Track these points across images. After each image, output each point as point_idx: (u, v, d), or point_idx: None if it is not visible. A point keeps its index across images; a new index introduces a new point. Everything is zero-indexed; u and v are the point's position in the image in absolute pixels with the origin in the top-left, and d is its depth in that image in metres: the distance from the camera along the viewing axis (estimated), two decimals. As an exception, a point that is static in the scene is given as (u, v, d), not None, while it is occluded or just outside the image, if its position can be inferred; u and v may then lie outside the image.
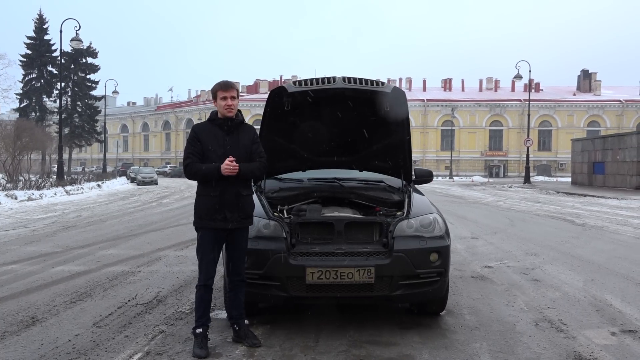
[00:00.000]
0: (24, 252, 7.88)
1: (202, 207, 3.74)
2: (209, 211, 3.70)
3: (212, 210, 3.69)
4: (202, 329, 3.72)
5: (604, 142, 31.79)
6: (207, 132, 3.79)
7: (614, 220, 12.84)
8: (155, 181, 39.04)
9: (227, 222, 3.70)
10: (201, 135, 3.78)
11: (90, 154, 79.73)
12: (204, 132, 3.80)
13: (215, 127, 3.81)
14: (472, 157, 64.26)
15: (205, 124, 3.88)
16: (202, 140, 3.75)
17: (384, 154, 5.11)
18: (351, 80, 4.29)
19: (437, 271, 4.08)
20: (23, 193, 18.70)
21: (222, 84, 3.81)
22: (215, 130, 3.79)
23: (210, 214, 3.70)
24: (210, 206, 3.70)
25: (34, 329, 4.22)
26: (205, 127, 3.84)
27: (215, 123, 3.82)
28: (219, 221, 3.69)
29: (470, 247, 8.52)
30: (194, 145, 3.75)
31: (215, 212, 3.69)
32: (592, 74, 69.58)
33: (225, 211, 3.69)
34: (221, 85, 3.80)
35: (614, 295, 5.39)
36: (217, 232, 3.73)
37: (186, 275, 6.19)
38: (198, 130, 3.83)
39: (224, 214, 3.69)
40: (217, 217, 3.69)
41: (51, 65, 49.23)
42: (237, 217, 3.75)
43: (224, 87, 3.78)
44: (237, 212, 3.75)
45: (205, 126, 3.85)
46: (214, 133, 3.78)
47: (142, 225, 11.57)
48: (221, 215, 3.69)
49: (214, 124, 3.82)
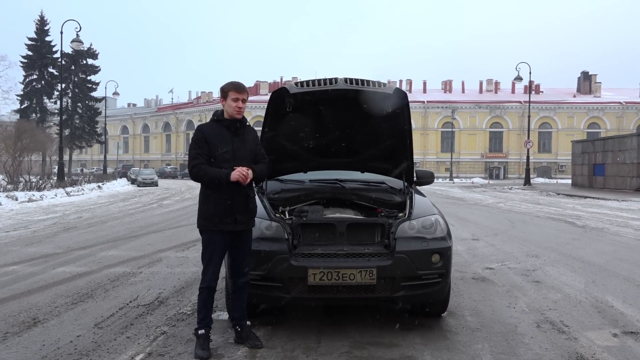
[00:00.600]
0: (25, 253, 7.88)
1: (211, 209, 3.67)
2: (219, 214, 3.65)
3: (222, 212, 3.65)
4: (204, 330, 3.71)
5: (604, 143, 31.81)
6: (215, 133, 3.70)
7: (614, 222, 12.84)
8: (155, 182, 39.08)
9: (237, 224, 3.69)
10: (209, 136, 3.68)
11: (91, 156, 79.77)
12: (211, 133, 3.70)
13: (223, 128, 3.73)
14: (472, 159, 64.32)
15: (211, 125, 3.77)
16: (209, 142, 3.66)
17: (385, 155, 5.11)
18: (353, 81, 4.28)
19: (439, 272, 4.07)
20: (24, 194, 18.71)
21: (236, 84, 3.73)
22: (222, 131, 3.71)
23: (220, 216, 3.65)
24: (220, 209, 3.65)
25: (36, 330, 4.22)
26: (212, 128, 3.74)
27: (222, 124, 3.74)
28: (228, 224, 3.66)
29: (471, 248, 8.51)
30: (201, 147, 3.66)
31: (226, 215, 3.65)
32: (592, 76, 69.73)
33: (235, 214, 3.67)
34: (235, 85, 3.72)
35: (615, 296, 5.39)
36: (225, 235, 3.70)
37: (187, 277, 6.19)
38: (205, 130, 3.73)
39: (234, 216, 3.67)
40: (227, 219, 3.66)
41: (52, 66, 49.26)
42: (246, 219, 3.75)
43: (238, 89, 3.70)
44: (246, 214, 3.74)
45: (212, 127, 3.75)
46: (222, 134, 3.70)
47: (142, 227, 11.57)
48: (231, 218, 3.66)
49: (220, 125, 3.74)
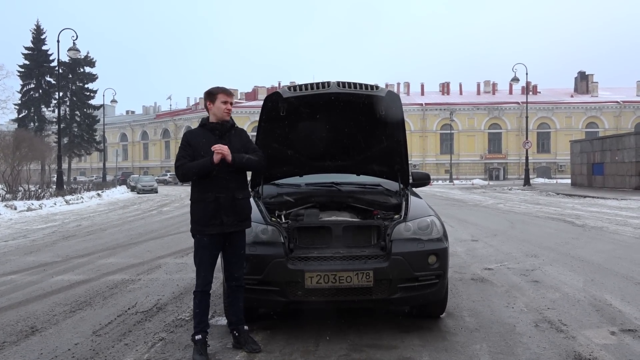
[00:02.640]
0: (23, 262, 7.88)
1: (198, 213, 3.74)
2: (205, 216, 3.70)
3: (208, 215, 3.69)
4: (201, 336, 3.71)
5: (603, 143, 31.85)
6: (199, 137, 3.81)
7: (613, 220, 12.85)
8: (155, 189, 39.06)
9: (224, 226, 3.71)
10: (193, 141, 3.80)
11: (90, 163, 79.79)
12: (195, 138, 3.82)
13: (207, 131, 3.83)
14: (471, 160, 64.32)
15: (196, 130, 3.91)
16: (193, 145, 3.77)
17: (380, 158, 5.11)
18: (345, 84, 4.29)
19: (436, 273, 4.07)
20: (22, 203, 18.70)
21: (225, 88, 3.88)
22: (207, 135, 3.80)
23: (206, 219, 3.70)
24: (206, 211, 3.70)
25: (34, 339, 4.21)
26: (196, 133, 3.87)
27: (206, 128, 3.85)
28: (215, 226, 3.70)
29: (471, 249, 8.51)
30: (185, 150, 3.78)
31: (212, 217, 3.69)
32: (589, 76, 69.84)
33: (221, 216, 3.69)
34: (224, 89, 3.87)
35: (613, 295, 5.39)
36: (214, 237, 3.73)
37: (186, 283, 6.18)
38: (190, 135, 3.87)
39: (220, 218, 3.69)
40: (214, 222, 3.69)
41: (49, 75, 49.43)
42: (234, 221, 3.75)
43: (227, 92, 3.86)
44: (234, 216, 3.75)
45: (197, 132, 3.88)
46: (206, 138, 3.79)
47: (142, 234, 11.57)
48: (218, 220, 3.69)
49: (205, 129, 3.85)
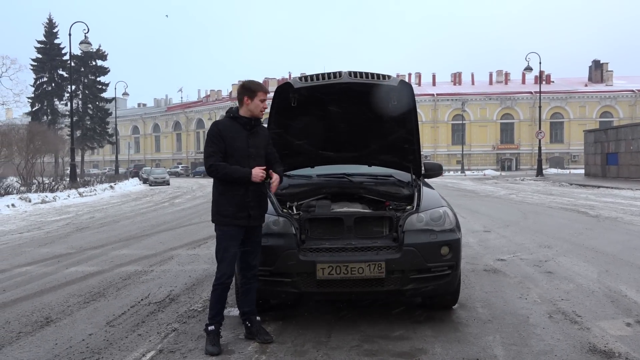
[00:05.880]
0: (38, 253, 7.96)
1: (227, 205, 3.71)
2: (234, 209, 3.70)
3: (237, 208, 3.69)
4: (214, 327, 3.72)
5: (617, 132, 31.48)
6: (232, 130, 3.74)
7: (628, 211, 12.70)
8: (167, 182, 39.35)
9: (251, 219, 3.74)
10: (225, 133, 3.72)
11: (103, 156, 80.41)
12: (228, 130, 3.74)
13: (239, 125, 3.77)
14: (483, 151, 63.90)
15: (227, 121, 3.80)
16: (226, 139, 3.70)
17: (392, 148, 5.08)
18: (357, 74, 4.26)
19: (448, 264, 4.05)
20: (37, 196, 18.88)
21: (264, 86, 3.88)
22: (238, 129, 3.75)
23: (235, 212, 3.70)
24: (235, 204, 3.69)
25: (48, 329, 4.26)
26: (228, 125, 3.77)
27: (239, 121, 3.78)
28: (243, 219, 3.71)
29: (483, 240, 8.47)
30: (216, 143, 3.70)
31: (240, 210, 3.70)
32: (604, 64, 68.79)
33: (249, 209, 3.72)
34: (264, 87, 3.86)
35: (628, 285, 5.33)
36: (239, 230, 3.74)
37: (198, 274, 6.21)
38: (222, 127, 3.76)
39: (247, 212, 3.71)
40: (242, 215, 3.71)
41: (62, 68, 49.75)
42: (259, 215, 3.81)
43: (266, 91, 3.85)
44: (259, 210, 3.80)
45: (228, 123, 3.79)
46: (239, 132, 3.74)
47: (154, 225, 11.64)
48: (245, 213, 3.71)
49: (236, 122, 3.78)
